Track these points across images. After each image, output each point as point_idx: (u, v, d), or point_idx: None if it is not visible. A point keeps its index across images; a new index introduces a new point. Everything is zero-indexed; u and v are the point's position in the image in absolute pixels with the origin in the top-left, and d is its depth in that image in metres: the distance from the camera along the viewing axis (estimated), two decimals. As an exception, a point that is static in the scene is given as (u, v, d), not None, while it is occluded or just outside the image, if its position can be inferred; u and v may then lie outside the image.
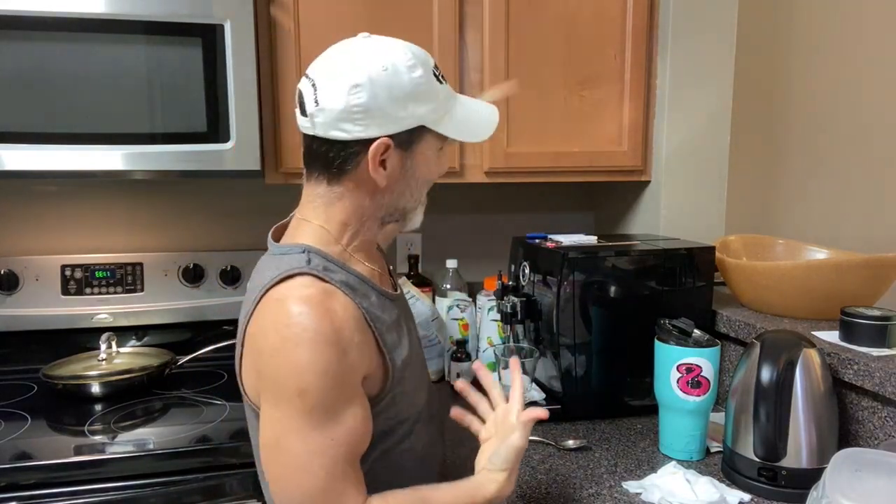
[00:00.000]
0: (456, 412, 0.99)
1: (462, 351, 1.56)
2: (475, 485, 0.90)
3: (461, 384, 1.00)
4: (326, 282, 0.84)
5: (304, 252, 0.86)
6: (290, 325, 0.80)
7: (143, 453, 1.20)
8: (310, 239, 0.89)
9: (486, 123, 0.96)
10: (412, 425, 0.94)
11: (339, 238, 0.91)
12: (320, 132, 0.86)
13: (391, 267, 1.08)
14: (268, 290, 0.83)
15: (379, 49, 0.86)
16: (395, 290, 0.99)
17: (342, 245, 0.91)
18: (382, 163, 0.87)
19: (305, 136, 0.90)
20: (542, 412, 0.92)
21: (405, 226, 0.97)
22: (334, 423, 0.81)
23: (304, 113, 0.87)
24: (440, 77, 0.90)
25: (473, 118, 0.94)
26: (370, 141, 0.85)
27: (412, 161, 0.90)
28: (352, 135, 0.85)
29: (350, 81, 0.83)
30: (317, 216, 0.91)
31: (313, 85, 0.85)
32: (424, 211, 0.98)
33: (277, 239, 0.94)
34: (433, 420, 1.01)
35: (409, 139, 0.88)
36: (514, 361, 1.02)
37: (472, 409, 1.01)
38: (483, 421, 0.99)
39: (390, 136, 0.86)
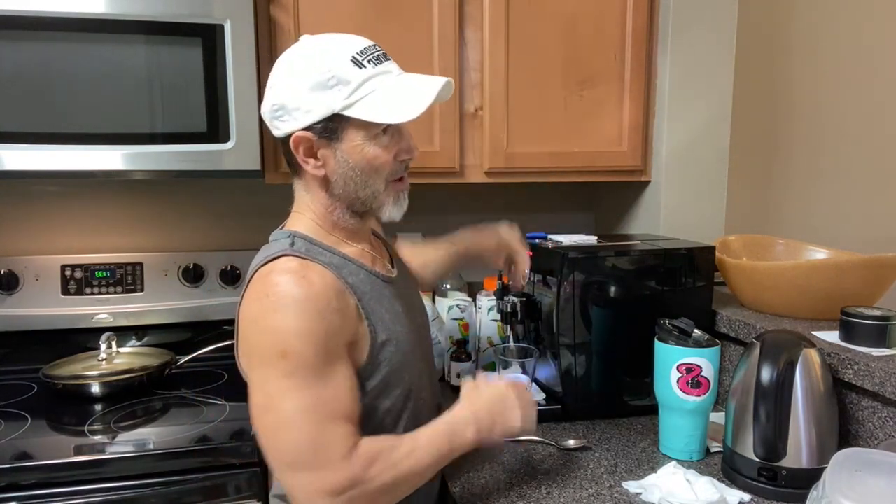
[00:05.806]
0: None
1: (462, 351, 1.56)
2: (451, 420, 0.95)
3: None
4: (307, 259, 0.90)
5: (289, 237, 0.94)
6: (269, 293, 0.86)
7: (143, 453, 1.20)
8: (299, 226, 0.97)
9: (415, 101, 0.89)
10: (404, 403, 0.98)
11: (324, 224, 0.97)
12: (273, 133, 0.95)
13: (389, 251, 1.12)
14: (256, 272, 0.91)
15: (297, 47, 0.92)
16: (392, 273, 1.04)
17: (327, 230, 0.97)
18: (313, 155, 0.92)
19: None
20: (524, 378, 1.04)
21: (380, 216, 0.99)
22: (320, 382, 0.84)
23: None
24: (363, 62, 0.89)
25: (398, 98, 0.89)
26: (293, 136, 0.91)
27: (342, 150, 0.92)
28: (281, 131, 0.93)
29: (270, 83, 0.92)
30: (302, 207, 0.99)
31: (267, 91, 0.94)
32: (427, 211, 0.99)
33: None
34: (433, 412, 1.04)
35: (330, 129, 0.90)
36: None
37: None
38: None
39: (308, 129, 0.90)
